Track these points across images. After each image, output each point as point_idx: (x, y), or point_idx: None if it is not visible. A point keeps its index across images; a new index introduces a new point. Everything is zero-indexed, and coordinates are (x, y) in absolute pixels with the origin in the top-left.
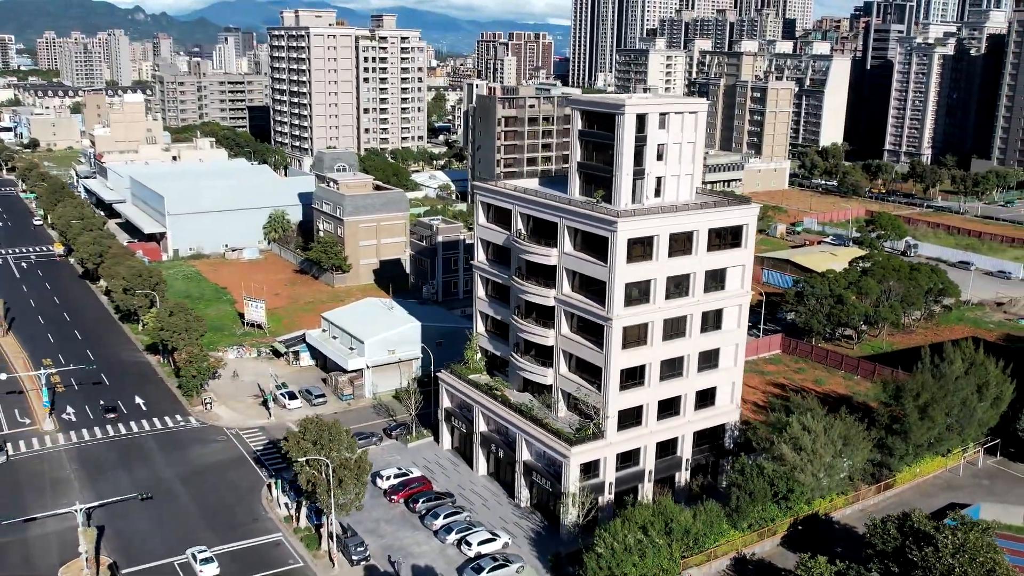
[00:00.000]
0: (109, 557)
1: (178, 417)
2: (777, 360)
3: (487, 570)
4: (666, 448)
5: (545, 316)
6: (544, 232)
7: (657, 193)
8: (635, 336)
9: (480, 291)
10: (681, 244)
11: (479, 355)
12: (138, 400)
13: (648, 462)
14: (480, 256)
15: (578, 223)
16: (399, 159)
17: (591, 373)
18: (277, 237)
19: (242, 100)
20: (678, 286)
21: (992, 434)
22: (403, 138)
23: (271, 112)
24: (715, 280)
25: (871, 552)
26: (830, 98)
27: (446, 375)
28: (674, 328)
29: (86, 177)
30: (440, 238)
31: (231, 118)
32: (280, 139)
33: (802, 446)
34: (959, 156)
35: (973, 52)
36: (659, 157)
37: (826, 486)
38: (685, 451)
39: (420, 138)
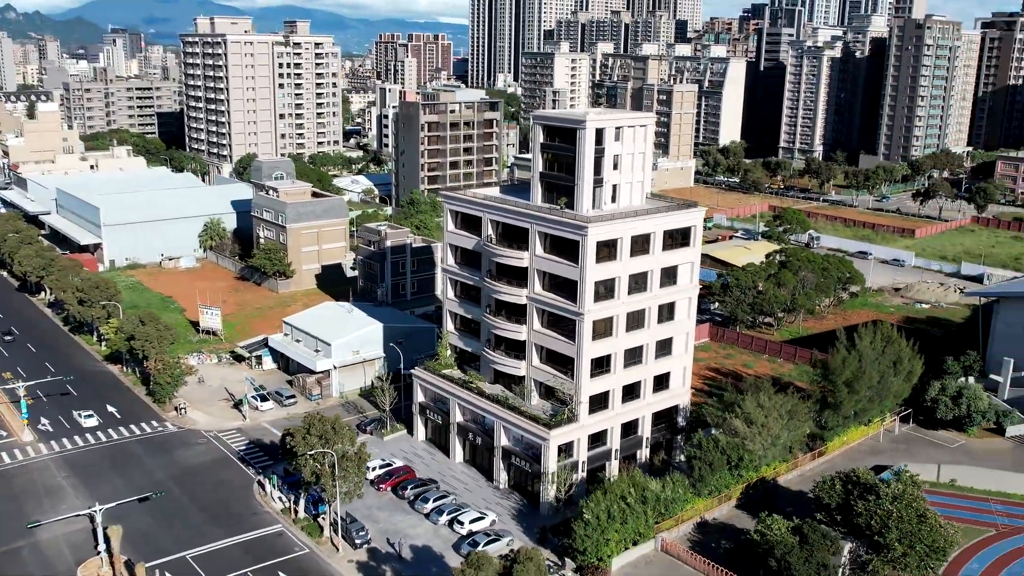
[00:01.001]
0: (122, 555)
1: (154, 423)
2: (707, 347)
3: (482, 544)
4: (629, 428)
5: (517, 313)
6: (513, 237)
7: (613, 199)
8: (602, 329)
9: (450, 292)
10: (640, 245)
11: (449, 352)
12: (111, 408)
13: (614, 442)
14: (449, 260)
15: (549, 228)
16: (317, 164)
17: (561, 363)
18: (213, 245)
19: (151, 106)
20: (638, 283)
21: (905, 405)
22: (319, 143)
23: (185, 119)
24: (668, 276)
25: (819, 507)
26: (728, 99)
27: (420, 371)
28: (635, 320)
29: (2, 188)
30: (389, 243)
31: (140, 124)
32: (196, 146)
33: (753, 420)
34: (848, 152)
35: (858, 55)
36: (615, 167)
37: (771, 455)
38: (645, 430)
39: (336, 142)
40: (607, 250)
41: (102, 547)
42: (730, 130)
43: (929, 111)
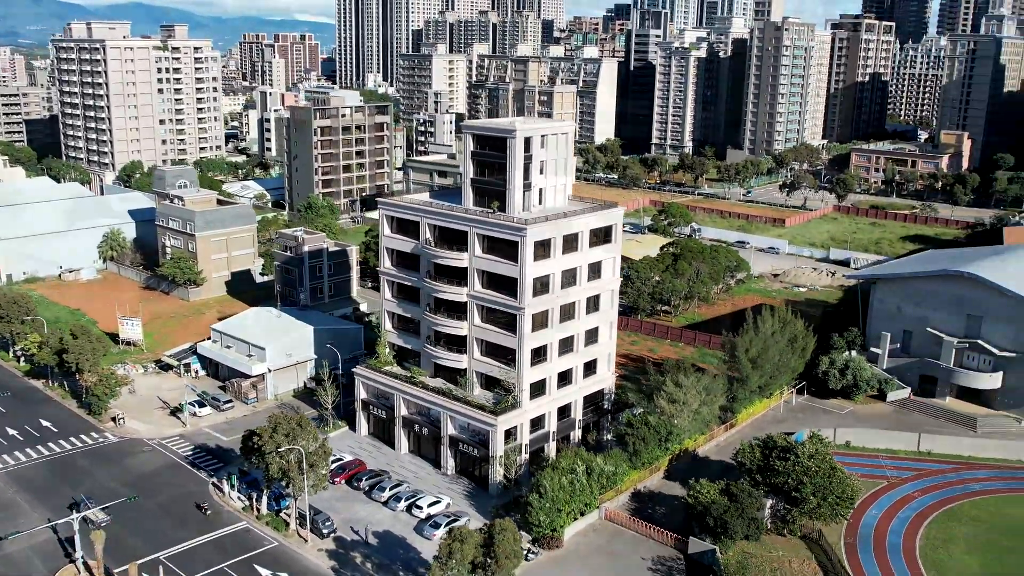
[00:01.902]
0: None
1: (93, 434)
2: None
3: (444, 525)
4: (563, 412)
5: (457, 310)
6: (451, 239)
7: (540, 201)
8: (540, 321)
9: (387, 293)
10: (570, 243)
11: (388, 349)
12: (45, 423)
13: (552, 424)
14: (386, 263)
15: (488, 231)
16: (203, 170)
17: (501, 355)
18: (114, 256)
19: (18, 114)
20: (569, 278)
21: (799, 378)
22: (201, 148)
23: (61, 127)
24: (594, 271)
25: (741, 470)
26: (602, 98)
27: (363, 370)
28: (567, 312)
29: None
30: (306, 248)
31: (6, 133)
32: (74, 154)
33: (676, 398)
34: (716, 147)
35: (721, 55)
36: (541, 171)
37: (693, 429)
38: (577, 413)
39: (218, 147)
40: (542, 249)
41: (79, 554)
42: (605, 128)
43: (788, 107)
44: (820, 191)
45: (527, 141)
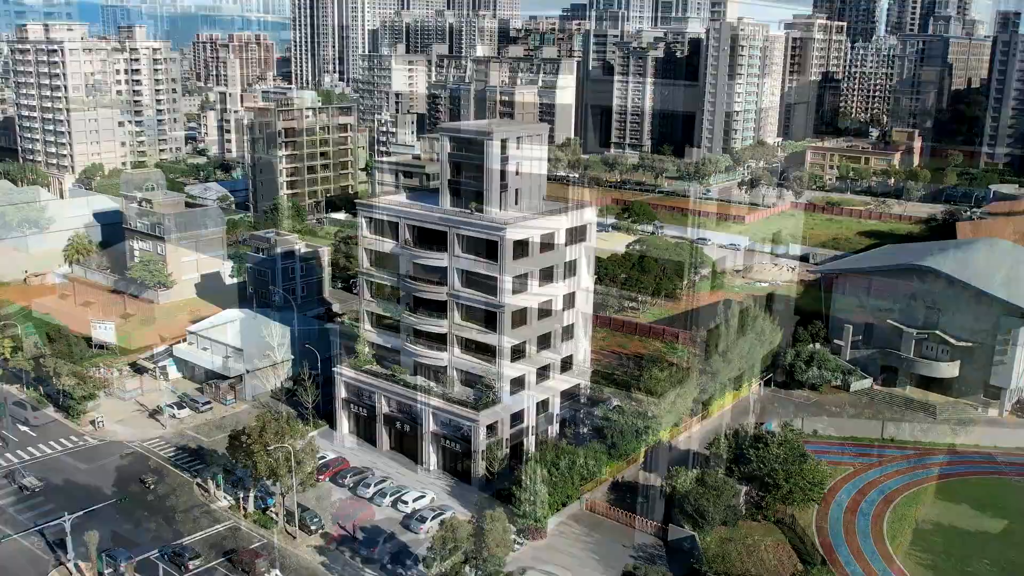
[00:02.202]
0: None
1: (73, 438)
2: None
3: (430, 519)
4: (541, 406)
5: (437, 309)
6: (430, 239)
7: (516, 201)
8: (519, 318)
9: (366, 293)
10: (547, 242)
11: (367, 348)
12: (23, 428)
13: (531, 419)
14: (365, 264)
15: (468, 231)
16: (164, 172)
17: (480, 351)
18: (80, 259)
19: None
20: (547, 276)
21: (766, 371)
22: (161, 150)
23: (18, 129)
24: (570, 269)
25: (716, 460)
26: (562, 98)
27: (343, 369)
28: (545, 309)
29: None
30: (279, 249)
31: None
32: (31, 157)
33: (653, 391)
34: (674, 145)
35: (678, 54)
36: (517, 172)
37: (668, 421)
38: (555, 407)
39: (178, 149)
40: (521, 248)
41: (71, 555)
42: (565, 127)
43: (745, 106)
44: (778, 188)
45: (503, 143)
